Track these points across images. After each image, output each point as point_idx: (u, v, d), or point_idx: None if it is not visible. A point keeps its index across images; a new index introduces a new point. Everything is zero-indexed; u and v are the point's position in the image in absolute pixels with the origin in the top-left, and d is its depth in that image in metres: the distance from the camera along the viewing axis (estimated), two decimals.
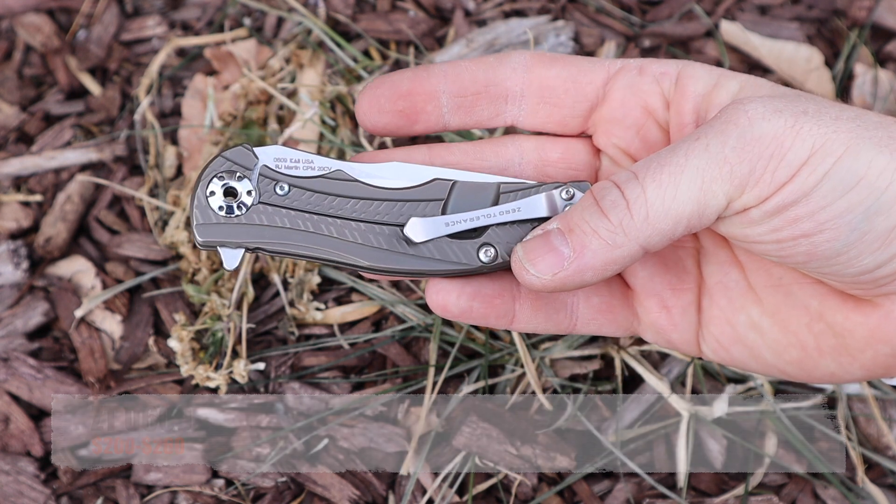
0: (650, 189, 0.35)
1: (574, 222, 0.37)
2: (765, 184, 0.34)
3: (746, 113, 0.35)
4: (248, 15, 0.77)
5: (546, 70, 0.42)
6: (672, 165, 0.35)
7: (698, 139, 0.35)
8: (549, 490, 0.57)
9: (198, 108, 0.72)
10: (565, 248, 0.36)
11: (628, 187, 0.35)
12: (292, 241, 0.39)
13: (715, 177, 0.34)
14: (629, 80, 0.42)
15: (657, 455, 0.59)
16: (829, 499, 0.57)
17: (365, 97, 0.41)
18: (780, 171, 0.34)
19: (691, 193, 0.35)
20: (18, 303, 0.65)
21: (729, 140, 0.34)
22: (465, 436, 0.56)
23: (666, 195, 0.35)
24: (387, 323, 0.63)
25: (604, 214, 0.36)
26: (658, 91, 0.41)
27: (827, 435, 0.59)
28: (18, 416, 0.60)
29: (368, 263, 0.39)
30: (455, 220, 0.39)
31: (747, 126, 0.34)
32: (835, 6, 0.76)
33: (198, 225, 0.38)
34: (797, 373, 0.42)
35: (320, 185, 0.39)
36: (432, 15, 0.75)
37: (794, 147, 0.34)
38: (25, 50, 0.77)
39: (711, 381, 0.60)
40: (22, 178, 0.71)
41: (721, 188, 0.35)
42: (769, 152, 0.34)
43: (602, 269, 0.36)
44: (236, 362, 0.60)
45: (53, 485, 0.58)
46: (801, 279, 0.41)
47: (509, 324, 0.42)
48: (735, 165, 0.34)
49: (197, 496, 0.57)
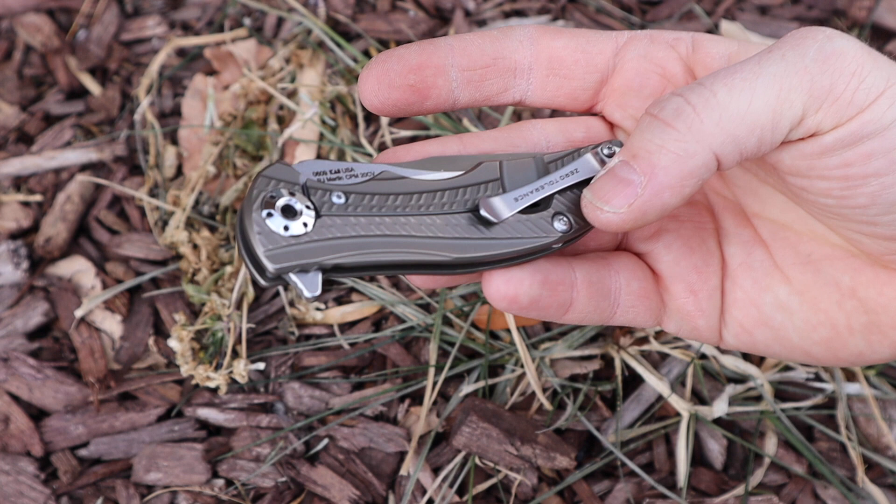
0: (721, 92, 0.32)
1: (637, 145, 0.34)
2: (844, 103, 0.32)
3: (824, 31, 0.33)
4: (248, 15, 0.77)
5: (553, 41, 0.40)
6: (745, 71, 0.32)
7: (771, 51, 0.33)
8: (549, 490, 0.57)
9: (198, 108, 0.72)
10: (634, 175, 0.33)
11: (693, 94, 0.33)
12: (371, 249, 0.35)
13: (793, 85, 0.32)
14: (642, 49, 0.40)
15: (657, 455, 0.59)
16: (829, 499, 0.57)
17: (372, 72, 0.38)
18: (860, 94, 0.32)
19: (768, 99, 0.32)
20: (18, 303, 0.65)
21: (809, 51, 0.32)
22: (465, 436, 0.56)
23: (741, 98, 0.32)
24: (387, 323, 0.63)
25: (668, 125, 0.33)
26: (675, 56, 0.39)
27: (827, 435, 0.59)
28: (18, 416, 0.60)
29: (456, 256, 0.36)
30: (522, 193, 0.37)
31: (826, 41, 0.32)
32: (835, 6, 0.76)
33: (266, 253, 0.33)
34: (823, 354, 0.41)
35: (375, 187, 0.36)
36: (432, 15, 0.75)
37: (872, 73, 0.32)
38: (25, 50, 0.77)
39: (711, 381, 0.60)
40: (22, 178, 0.71)
41: (799, 97, 0.32)
42: (851, 69, 0.32)
43: (679, 185, 0.33)
44: (236, 362, 0.60)
45: (53, 485, 0.58)
46: (832, 254, 0.39)
47: (564, 314, 0.39)
48: (816, 76, 0.32)
49: (197, 496, 0.57)
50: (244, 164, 0.68)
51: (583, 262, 0.40)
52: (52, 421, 0.60)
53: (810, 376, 0.60)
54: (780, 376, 0.60)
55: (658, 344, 0.60)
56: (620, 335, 0.60)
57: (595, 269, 0.40)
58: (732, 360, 0.60)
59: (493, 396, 0.60)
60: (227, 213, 0.67)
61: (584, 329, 0.61)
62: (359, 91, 0.38)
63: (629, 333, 0.60)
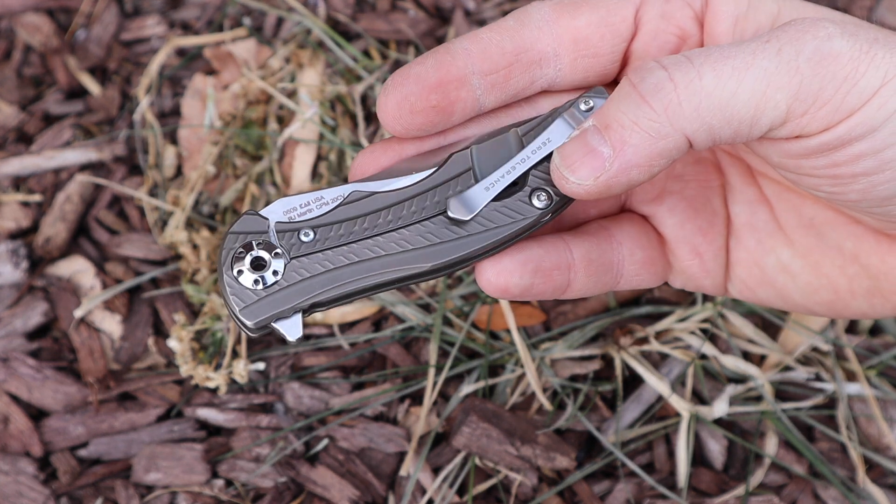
0: (707, 76, 0.31)
1: (611, 116, 0.33)
2: (832, 108, 0.31)
3: (825, 27, 0.32)
4: (248, 14, 0.77)
5: (573, 20, 0.37)
6: (737, 59, 0.31)
7: (769, 41, 0.32)
8: (549, 490, 0.57)
9: (197, 107, 0.72)
10: (604, 147, 0.33)
11: (679, 70, 0.32)
12: (344, 280, 0.35)
13: (781, 84, 0.31)
14: (658, 8, 0.38)
15: (657, 455, 0.59)
16: (829, 499, 0.57)
17: (391, 99, 0.36)
18: (850, 97, 0.31)
19: (753, 95, 0.31)
20: (18, 303, 0.64)
21: (805, 49, 0.31)
22: (465, 436, 0.56)
23: (727, 87, 0.31)
24: (387, 323, 0.63)
25: (644, 101, 0.32)
26: (691, 14, 0.37)
27: (827, 435, 0.59)
28: (18, 416, 0.60)
29: (432, 264, 0.36)
30: (492, 180, 0.36)
31: (825, 40, 0.31)
32: (835, 6, 0.76)
33: (242, 310, 0.34)
34: (826, 312, 0.40)
35: (343, 213, 0.36)
36: (432, 15, 0.75)
37: (867, 73, 0.31)
38: (25, 50, 0.77)
39: (712, 381, 0.60)
40: (21, 178, 0.71)
41: (784, 99, 0.31)
42: (844, 73, 0.31)
43: (647, 165, 0.33)
44: (236, 362, 0.60)
45: (53, 485, 0.58)
46: (835, 219, 0.39)
47: (562, 293, 0.38)
48: (806, 78, 0.31)
49: (197, 496, 0.57)
50: (244, 163, 0.68)
51: (581, 240, 0.39)
52: (51, 421, 0.60)
53: (811, 376, 0.60)
54: (780, 376, 0.60)
55: (658, 344, 0.60)
56: (621, 335, 0.60)
57: (595, 245, 0.39)
58: (733, 361, 0.60)
59: (493, 396, 0.60)
60: (226, 213, 0.67)
61: (585, 329, 0.60)
62: (379, 117, 0.37)
63: (629, 334, 0.60)
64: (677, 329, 0.61)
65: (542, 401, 0.59)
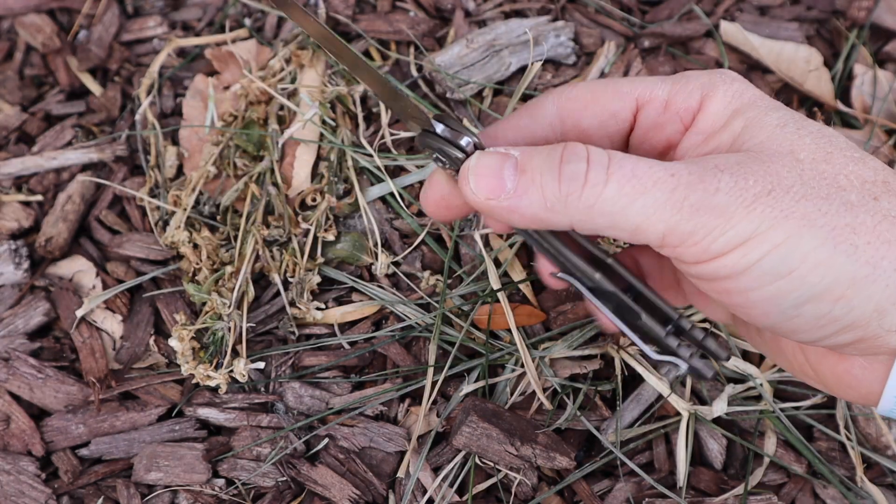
0: (611, 188, 0.35)
1: (533, 165, 0.37)
2: (701, 248, 0.35)
3: (718, 181, 0.35)
4: (249, 15, 0.77)
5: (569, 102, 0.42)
6: (640, 181, 0.35)
7: (674, 175, 0.35)
8: (549, 490, 0.57)
9: (198, 108, 0.73)
10: (510, 182, 0.37)
11: (594, 171, 0.36)
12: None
13: (663, 218, 0.35)
14: (653, 115, 0.42)
15: (657, 454, 0.59)
16: (828, 498, 0.57)
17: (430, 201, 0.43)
18: (716, 245, 0.35)
19: (638, 217, 0.35)
20: (19, 303, 0.65)
21: (692, 195, 0.35)
22: (465, 435, 0.56)
23: (619, 203, 0.35)
24: (387, 323, 0.63)
25: (558, 178, 0.36)
26: (680, 129, 0.41)
27: (826, 434, 0.59)
28: (19, 415, 0.60)
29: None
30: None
31: (713, 193, 0.34)
32: (834, 7, 0.76)
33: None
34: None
35: None
36: (432, 15, 0.75)
37: (739, 225, 0.34)
38: (26, 50, 0.77)
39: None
40: (23, 178, 0.71)
41: (662, 229, 0.35)
42: (714, 224, 0.34)
43: (529, 220, 0.37)
44: (236, 362, 0.60)
45: (54, 484, 0.58)
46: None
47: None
48: (684, 219, 0.35)
49: (197, 496, 0.57)
50: (244, 164, 0.68)
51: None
52: (52, 420, 0.60)
53: None
54: (779, 376, 0.60)
55: None
56: (620, 335, 0.60)
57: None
58: (732, 360, 0.60)
59: (493, 396, 0.60)
60: (227, 213, 0.67)
61: (584, 329, 0.61)
62: (421, 204, 0.44)
63: None
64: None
65: (542, 400, 0.59)
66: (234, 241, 0.65)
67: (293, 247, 0.64)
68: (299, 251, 0.64)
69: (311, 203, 0.66)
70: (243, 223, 0.65)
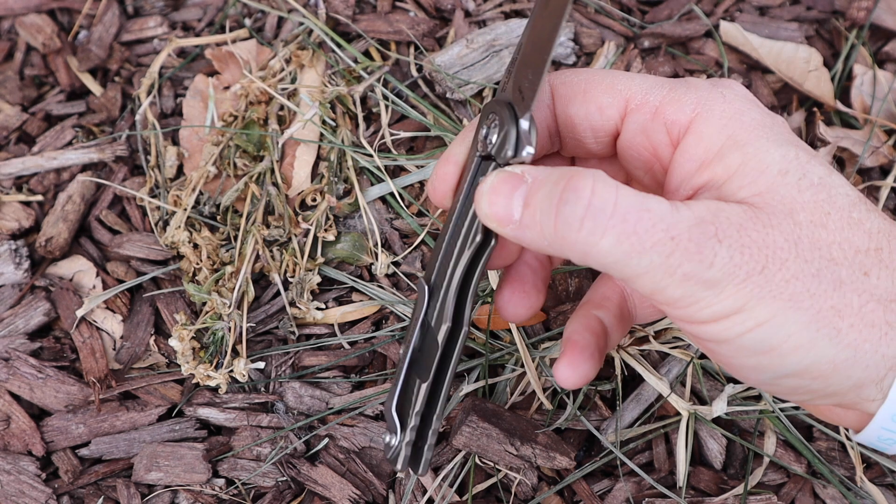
0: (608, 240, 0.35)
1: (535, 202, 0.37)
2: (688, 314, 0.36)
3: (715, 255, 0.34)
4: (249, 15, 0.77)
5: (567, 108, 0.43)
6: (639, 239, 0.35)
7: (673, 239, 0.35)
8: (549, 490, 0.57)
9: (198, 108, 0.73)
10: (517, 212, 0.38)
11: (592, 218, 0.35)
12: None
13: (655, 279, 0.35)
14: (640, 122, 0.41)
15: (656, 454, 0.59)
16: (828, 498, 0.57)
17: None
18: (703, 314, 0.36)
19: (630, 272, 0.35)
20: (19, 303, 0.65)
21: (687, 263, 0.34)
22: (465, 435, 0.56)
23: (612, 255, 0.35)
24: (387, 323, 0.63)
25: (554, 220, 0.36)
26: (667, 142, 0.41)
27: (826, 434, 0.59)
28: (20, 415, 0.60)
29: None
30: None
31: (707, 267, 0.34)
32: (834, 7, 0.76)
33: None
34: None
35: None
36: (432, 15, 0.75)
37: (724, 302, 0.35)
38: (27, 50, 0.77)
39: (711, 380, 0.60)
40: (23, 178, 0.71)
41: (652, 289, 0.36)
42: (703, 295, 0.35)
43: (536, 250, 0.38)
44: (237, 361, 0.60)
45: (54, 484, 0.58)
46: None
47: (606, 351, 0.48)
48: (673, 284, 0.35)
49: (197, 496, 0.57)
50: (245, 164, 0.68)
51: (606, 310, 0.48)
52: (53, 420, 0.60)
53: None
54: None
55: (658, 344, 0.60)
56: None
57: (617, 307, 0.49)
58: None
59: (493, 396, 0.60)
60: (227, 213, 0.67)
61: None
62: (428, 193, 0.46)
63: (629, 333, 0.60)
64: (676, 328, 0.61)
65: (542, 400, 0.59)
66: (234, 241, 0.65)
67: (293, 247, 0.64)
68: (299, 251, 0.64)
69: (311, 203, 0.66)
70: (243, 223, 0.65)
